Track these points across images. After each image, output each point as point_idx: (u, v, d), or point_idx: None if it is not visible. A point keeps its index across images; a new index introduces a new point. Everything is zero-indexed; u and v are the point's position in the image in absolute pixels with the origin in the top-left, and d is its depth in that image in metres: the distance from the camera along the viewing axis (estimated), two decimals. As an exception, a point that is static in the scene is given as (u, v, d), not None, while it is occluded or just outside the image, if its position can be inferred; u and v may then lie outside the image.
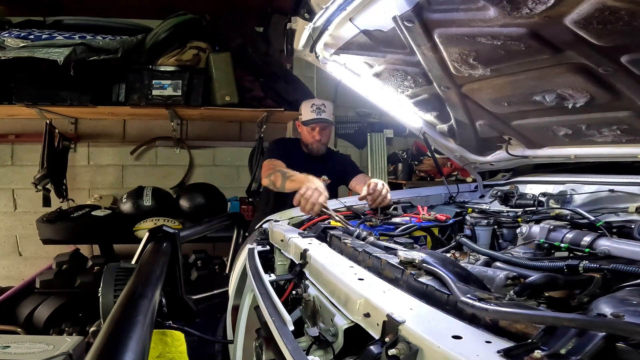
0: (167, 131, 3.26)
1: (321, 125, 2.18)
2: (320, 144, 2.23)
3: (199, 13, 2.75)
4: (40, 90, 2.53)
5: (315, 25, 1.39)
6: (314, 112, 2.16)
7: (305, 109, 2.19)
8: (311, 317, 0.94)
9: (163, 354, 0.96)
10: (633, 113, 1.19)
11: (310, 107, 2.17)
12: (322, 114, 2.17)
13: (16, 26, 2.53)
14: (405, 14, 1.13)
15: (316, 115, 2.16)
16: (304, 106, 2.21)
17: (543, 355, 0.47)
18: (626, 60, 0.97)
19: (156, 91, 2.62)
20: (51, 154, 2.76)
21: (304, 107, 2.20)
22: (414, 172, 3.50)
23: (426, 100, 1.68)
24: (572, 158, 1.63)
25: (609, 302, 0.65)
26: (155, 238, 1.22)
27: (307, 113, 2.17)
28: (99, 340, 0.58)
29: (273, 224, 1.44)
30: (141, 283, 0.85)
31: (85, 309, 2.24)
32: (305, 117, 2.18)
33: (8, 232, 3.21)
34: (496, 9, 0.97)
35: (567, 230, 1.12)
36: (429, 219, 1.58)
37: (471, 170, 2.11)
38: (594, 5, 0.83)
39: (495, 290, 0.82)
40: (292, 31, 1.49)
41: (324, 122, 2.18)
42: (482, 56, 1.19)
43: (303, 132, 2.24)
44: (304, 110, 2.20)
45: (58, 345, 1.53)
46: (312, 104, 2.19)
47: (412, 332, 0.57)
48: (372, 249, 1.01)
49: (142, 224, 2.73)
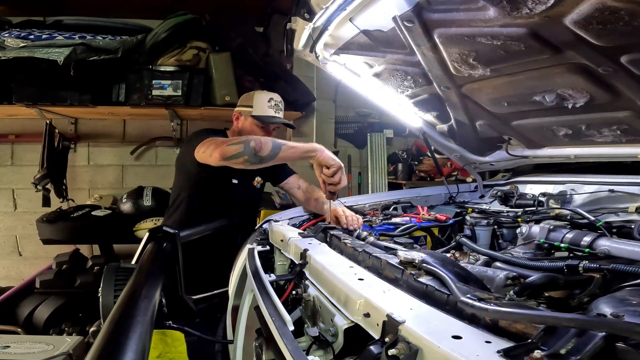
0: (167, 131, 3.26)
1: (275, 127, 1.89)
2: None
3: (199, 13, 2.75)
4: (40, 90, 2.53)
5: (315, 25, 1.39)
6: (271, 108, 1.83)
7: (261, 101, 1.83)
8: (311, 317, 0.94)
9: (163, 354, 0.97)
10: (633, 113, 1.19)
11: (267, 102, 1.83)
12: (279, 112, 1.87)
13: (16, 26, 2.53)
14: (405, 14, 1.13)
15: (274, 113, 1.84)
16: (259, 98, 1.84)
17: (543, 355, 0.47)
18: (626, 60, 0.97)
19: (156, 91, 2.62)
20: (51, 154, 2.76)
21: (259, 99, 1.84)
22: (414, 172, 3.50)
23: (426, 100, 1.68)
24: (572, 158, 1.63)
25: (609, 302, 0.65)
26: (155, 238, 1.21)
27: (263, 107, 1.82)
28: (99, 340, 0.58)
29: (273, 224, 1.44)
30: (141, 283, 0.85)
31: (85, 309, 2.24)
32: (259, 111, 1.82)
33: (8, 232, 3.21)
34: (496, 9, 0.97)
35: (567, 230, 1.12)
36: (429, 219, 1.59)
37: (471, 170, 2.11)
38: (594, 5, 0.83)
39: (495, 290, 0.82)
40: (292, 31, 1.49)
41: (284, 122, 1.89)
42: (482, 56, 1.19)
43: (247, 126, 1.83)
44: (257, 102, 1.83)
45: (58, 345, 1.53)
46: (270, 97, 1.85)
47: (412, 332, 0.57)
48: (372, 249, 1.01)
49: (142, 224, 2.73)
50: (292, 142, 1.49)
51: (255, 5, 3.01)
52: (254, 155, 1.43)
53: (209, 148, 1.51)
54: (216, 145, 1.48)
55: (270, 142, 1.44)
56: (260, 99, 1.83)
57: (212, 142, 1.52)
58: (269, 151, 1.43)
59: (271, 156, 1.44)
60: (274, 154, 1.44)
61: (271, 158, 1.44)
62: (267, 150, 1.43)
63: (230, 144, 1.45)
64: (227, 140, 1.50)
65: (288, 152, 1.45)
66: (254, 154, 1.42)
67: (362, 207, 1.85)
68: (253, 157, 1.43)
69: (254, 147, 1.42)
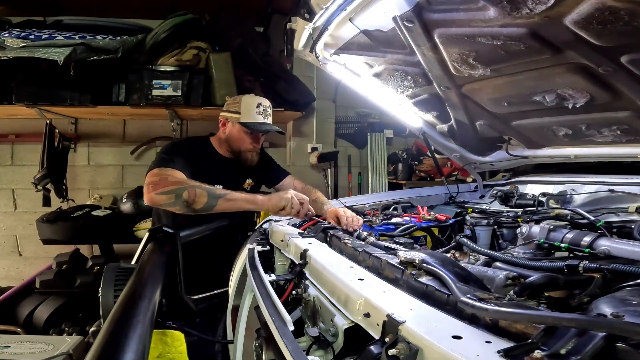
0: (167, 131, 3.26)
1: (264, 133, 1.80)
2: (255, 152, 1.82)
3: (199, 13, 2.75)
4: (40, 90, 2.53)
5: (315, 25, 1.39)
6: (260, 114, 1.74)
7: (249, 107, 1.74)
8: (311, 317, 0.94)
9: (163, 354, 0.96)
10: (633, 113, 1.20)
11: (255, 107, 1.74)
12: (268, 118, 1.78)
13: (16, 26, 2.53)
14: (405, 14, 1.13)
15: (263, 119, 1.75)
16: (247, 103, 1.74)
17: (543, 355, 0.47)
18: (626, 60, 0.97)
19: (156, 91, 2.62)
20: (51, 154, 2.76)
21: (247, 105, 1.74)
22: (414, 172, 3.50)
23: (426, 100, 1.68)
24: (572, 158, 1.63)
25: (609, 302, 0.65)
26: (155, 238, 1.21)
27: (251, 114, 1.73)
28: (99, 340, 0.58)
29: (273, 224, 1.44)
30: (141, 283, 0.85)
31: (85, 309, 2.24)
32: (247, 118, 1.72)
33: (8, 232, 3.21)
34: (496, 9, 0.97)
35: (567, 231, 1.12)
36: (429, 219, 1.59)
37: (471, 170, 2.11)
38: (594, 5, 0.83)
39: (495, 290, 0.82)
40: (292, 31, 1.49)
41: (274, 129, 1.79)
42: (482, 56, 1.19)
43: (235, 134, 1.76)
44: (245, 107, 1.73)
45: (58, 345, 1.53)
46: (259, 103, 1.75)
47: (412, 332, 0.57)
48: (372, 249, 1.01)
49: (142, 224, 2.73)
50: (234, 193, 1.41)
51: (255, 5, 3.01)
52: (187, 206, 1.36)
53: (148, 186, 1.41)
54: (151, 188, 1.39)
55: (206, 195, 1.36)
56: (247, 105, 1.74)
57: (152, 181, 1.42)
58: (203, 204, 1.36)
59: (206, 209, 1.37)
60: (210, 206, 1.37)
61: (206, 210, 1.38)
62: (201, 203, 1.36)
63: (160, 192, 1.37)
64: (163, 185, 1.39)
65: (225, 204, 1.39)
66: (186, 205, 1.36)
67: (362, 207, 1.85)
68: (185, 208, 1.36)
69: (186, 200, 1.35)
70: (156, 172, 1.46)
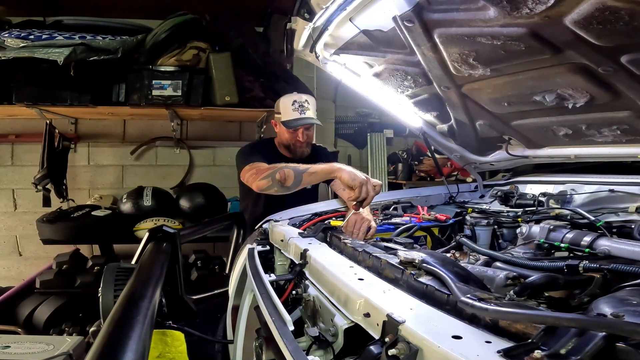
0: (167, 131, 3.26)
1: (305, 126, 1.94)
2: (304, 146, 2.00)
3: (199, 13, 2.75)
4: (40, 90, 2.53)
5: (315, 25, 1.39)
6: (296, 110, 1.89)
7: (285, 106, 1.91)
8: (311, 317, 0.94)
9: (163, 354, 0.96)
10: (633, 113, 1.19)
11: (291, 105, 1.90)
12: (305, 112, 1.90)
13: (16, 26, 2.53)
14: (405, 14, 1.13)
15: (299, 115, 1.89)
16: (284, 103, 1.92)
17: (543, 355, 0.47)
18: (626, 60, 0.97)
19: (156, 91, 2.62)
20: (51, 154, 2.76)
21: (284, 104, 1.92)
22: (414, 172, 3.51)
23: (426, 100, 1.68)
24: (572, 158, 1.63)
25: (609, 302, 0.65)
26: (155, 238, 1.21)
27: (288, 112, 1.90)
28: (99, 340, 0.58)
29: (273, 224, 1.44)
30: (141, 283, 0.85)
31: (85, 309, 2.23)
32: (285, 117, 1.91)
33: (8, 232, 3.21)
34: (496, 9, 0.97)
35: (567, 230, 1.12)
36: (429, 219, 1.58)
37: (471, 170, 2.11)
38: (594, 5, 0.83)
39: (495, 290, 0.82)
40: (292, 31, 1.49)
41: (309, 123, 1.93)
42: (482, 56, 1.19)
43: (282, 133, 1.98)
44: (283, 107, 1.92)
45: (58, 345, 1.53)
46: (294, 100, 1.90)
47: (412, 332, 0.57)
48: (372, 249, 1.01)
49: (142, 224, 2.73)
50: (314, 166, 1.55)
51: (255, 5, 3.00)
52: (281, 186, 1.54)
53: (250, 178, 1.68)
54: (253, 178, 1.64)
55: (292, 172, 1.54)
56: (284, 104, 1.92)
57: (251, 173, 1.67)
58: (292, 181, 1.53)
59: (295, 184, 1.54)
60: (297, 181, 1.53)
61: (296, 186, 1.54)
62: (290, 180, 1.53)
63: (261, 178, 1.59)
64: (260, 173, 1.61)
65: (309, 178, 1.54)
66: (281, 185, 1.54)
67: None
68: (281, 188, 1.55)
69: (279, 180, 1.53)
70: (249, 167, 1.72)
